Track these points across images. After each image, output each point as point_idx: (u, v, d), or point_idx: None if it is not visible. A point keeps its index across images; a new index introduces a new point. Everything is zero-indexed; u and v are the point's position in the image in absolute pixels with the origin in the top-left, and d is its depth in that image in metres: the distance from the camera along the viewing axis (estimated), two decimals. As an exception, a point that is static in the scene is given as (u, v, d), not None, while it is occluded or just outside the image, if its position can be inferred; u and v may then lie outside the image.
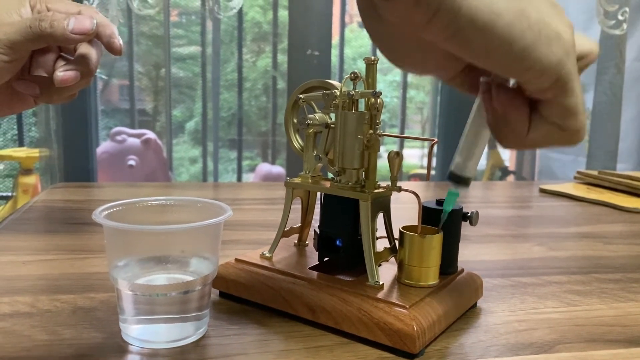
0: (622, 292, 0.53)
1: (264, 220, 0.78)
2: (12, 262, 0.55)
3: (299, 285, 0.44)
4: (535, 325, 0.45)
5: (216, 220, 0.38)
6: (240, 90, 2.10)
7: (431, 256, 0.43)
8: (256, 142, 2.67)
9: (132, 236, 0.39)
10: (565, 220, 0.86)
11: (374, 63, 0.45)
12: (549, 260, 0.63)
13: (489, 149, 2.53)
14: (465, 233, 0.73)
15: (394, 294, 0.41)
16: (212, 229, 0.40)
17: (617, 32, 1.46)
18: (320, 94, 0.46)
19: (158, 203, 0.43)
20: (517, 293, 0.52)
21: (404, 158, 0.46)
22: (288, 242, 0.53)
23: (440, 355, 0.39)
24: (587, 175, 1.16)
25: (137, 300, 0.38)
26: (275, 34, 2.11)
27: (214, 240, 0.41)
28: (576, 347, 0.41)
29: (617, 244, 0.71)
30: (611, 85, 1.59)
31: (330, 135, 0.46)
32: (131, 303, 0.38)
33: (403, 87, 2.17)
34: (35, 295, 0.47)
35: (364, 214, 0.43)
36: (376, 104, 0.44)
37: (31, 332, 0.40)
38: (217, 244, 0.41)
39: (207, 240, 0.40)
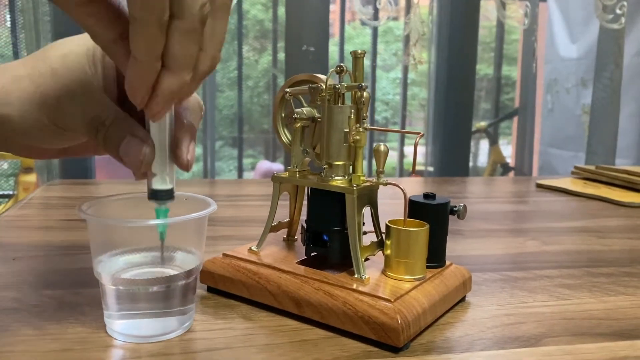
0: (613, 286, 0.53)
1: (260, 216, 0.78)
2: (1, 258, 0.55)
3: (285, 280, 0.44)
4: (523, 319, 0.45)
5: (199, 214, 0.38)
6: (240, 88, 2.10)
7: (417, 250, 0.43)
8: (258, 140, 2.67)
9: (114, 230, 0.39)
10: (560, 215, 0.86)
11: (361, 56, 0.45)
12: (541, 254, 0.63)
13: (490, 145, 2.53)
14: (458, 228, 0.74)
15: (379, 288, 0.41)
16: (196, 223, 0.40)
17: (616, 26, 1.46)
18: (306, 88, 0.46)
19: (143, 197, 0.43)
20: (507, 287, 0.52)
21: (404, 156, 0.45)
22: (277, 237, 0.52)
23: (425, 349, 0.39)
24: (585, 170, 1.15)
25: (120, 295, 0.38)
26: (274, 31, 2.11)
27: (198, 234, 0.41)
28: (563, 341, 0.41)
29: (611, 238, 0.71)
30: (610, 80, 1.58)
31: (317, 129, 0.46)
32: (114, 298, 0.38)
33: (404, 85, 2.17)
34: (22, 291, 0.47)
35: (350, 208, 0.43)
36: (362, 97, 0.44)
37: (16, 326, 0.40)
38: (201, 238, 0.41)
39: (191, 234, 0.40)
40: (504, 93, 2.62)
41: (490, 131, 2.49)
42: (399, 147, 2.35)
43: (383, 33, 2.88)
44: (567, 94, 2.24)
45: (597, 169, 1.12)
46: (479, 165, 2.69)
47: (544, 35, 2.41)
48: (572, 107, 2.20)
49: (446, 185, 1.12)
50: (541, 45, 2.29)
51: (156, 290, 0.38)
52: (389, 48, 3.08)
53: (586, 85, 1.99)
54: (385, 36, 2.98)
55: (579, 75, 2.12)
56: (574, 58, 2.21)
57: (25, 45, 1.61)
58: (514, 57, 2.72)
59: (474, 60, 1.94)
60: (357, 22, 3.12)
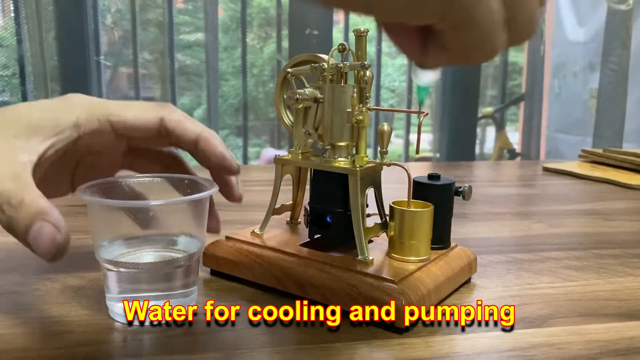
0: (621, 267, 0.52)
1: (264, 201, 0.77)
2: (4, 242, 0.55)
3: (288, 262, 0.43)
4: (529, 300, 0.44)
5: (199, 195, 0.38)
6: (244, 76, 2.09)
7: (421, 231, 0.42)
8: (264, 128, 2.66)
9: (116, 213, 0.38)
10: (567, 198, 0.85)
11: (364, 34, 0.44)
12: (547, 237, 0.63)
13: (496, 131, 2.51)
14: (464, 211, 0.73)
15: (383, 269, 0.41)
16: (197, 205, 0.39)
17: (623, 8, 1.44)
18: (308, 68, 0.45)
19: (145, 180, 0.42)
20: (513, 269, 0.51)
21: (409, 143, 0.45)
22: (280, 220, 0.52)
23: (430, 330, 0.39)
24: (592, 153, 1.14)
25: (122, 278, 0.38)
26: (278, 15, 2.10)
27: (199, 217, 0.40)
28: (569, 322, 0.41)
29: (619, 221, 0.70)
30: (618, 63, 1.56)
31: (320, 110, 0.46)
32: (115, 281, 0.38)
33: (409, 71, 2.15)
34: (24, 275, 0.47)
35: (353, 189, 0.42)
36: (365, 76, 0.43)
37: (18, 310, 0.40)
38: (203, 220, 0.40)
39: (192, 217, 0.40)
40: (510, 79, 2.59)
41: (496, 117, 2.47)
42: (404, 135, 2.34)
43: (388, 19, 2.85)
44: (574, 78, 2.22)
45: (604, 152, 1.11)
46: (485, 151, 2.68)
47: (552, 19, 2.38)
48: (580, 91, 2.18)
49: (452, 170, 1.12)
50: (549, 29, 2.27)
51: (158, 272, 0.38)
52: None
53: (594, 69, 1.97)
54: (391, 22, 2.95)
55: (587, 59, 2.10)
56: (581, 42, 2.19)
57: (28, 35, 1.61)
58: (521, 42, 2.69)
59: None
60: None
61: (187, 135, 0.41)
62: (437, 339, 0.38)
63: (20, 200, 0.33)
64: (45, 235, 0.32)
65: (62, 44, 1.66)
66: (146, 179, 0.42)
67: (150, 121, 0.41)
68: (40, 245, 0.32)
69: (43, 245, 0.32)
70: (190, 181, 0.42)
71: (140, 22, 1.91)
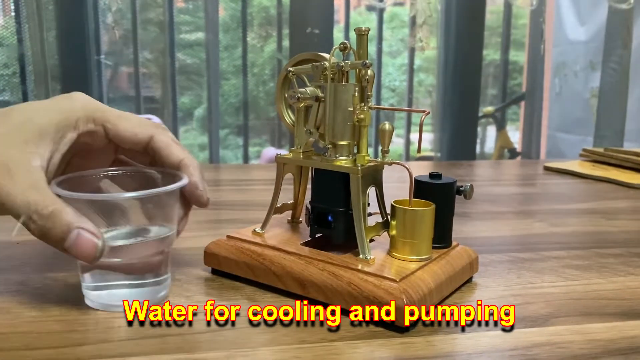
0: (623, 267, 0.52)
1: (264, 200, 0.77)
2: (5, 241, 0.55)
3: (289, 261, 0.43)
4: (531, 299, 0.44)
5: (167, 188, 0.39)
6: (245, 75, 2.09)
7: (423, 230, 0.42)
8: (264, 128, 2.66)
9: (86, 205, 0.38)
10: (568, 197, 0.85)
11: (365, 33, 0.44)
12: (549, 236, 0.63)
13: (497, 130, 2.51)
14: (465, 210, 0.73)
15: (385, 268, 0.41)
16: (168, 197, 0.40)
17: (624, 6, 1.44)
18: (309, 67, 0.45)
19: (117, 173, 0.43)
20: (514, 268, 0.51)
21: (410, 142, 0.45)
22: (281, 220, 0.52)
23: (431, 330, 0.39)
24: (593, 152, 1.14)
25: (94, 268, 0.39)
26: (279, 14, 2.10)
27: (170, 208, 0.41)
28: (571, 321, 0.40)
29: (620, 220, 0.70)
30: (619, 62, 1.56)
31: (321, 109, 0.46)
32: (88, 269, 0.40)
33: (410, 71, 2.15)
34: (26, 274, 0.47)
35: (355, 188, 0.42)
36: (366, 75, 0.43)
37: (19, 308, 0.40)
38: (174, 211, 0.41)
39: (163, 209, 0.40)
40: (511, 79, 2.59)
41: (497, 116, 2.47)
42: (405, 134, 2.34)
43: (389, 19, 2.86)
44: (575, 77, 2.22)
45: (605, 151, 1.11)
46: (486, 151, 2.68)
47: (552, 18, 2.38)
48: (581, 90, 2.18)
49: (453, 169, 1.12)
50: (549, 28, 2.27)
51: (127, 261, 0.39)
52: (395, 34, 3.06)
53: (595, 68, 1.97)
54: (392, 22, 2.95)
55: (588, 58, 2.10)
56: (582, 41, 2.19)
57: (29, 34, 1.61)
58: (522, 42, 2.69)
59: (481, 45, 1.92)
60: (362, 7, 3.10)
61: (171, 159, 0.43)
62: (439, 338, 0.38)
63: (50, 211, 0.36)
64: (85, 242, 0.36)
65: (63, 43, 1.66)
66: (119, 172, 0.44)
67: (140, 136, 0.42)
68: (83, 251, 0.36)
69: (86, 251, 0.36)
70: (163, 173, 0.43)
71: (140, 21, 1.91)
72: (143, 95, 2.00)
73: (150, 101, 2.30)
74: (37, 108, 0.40)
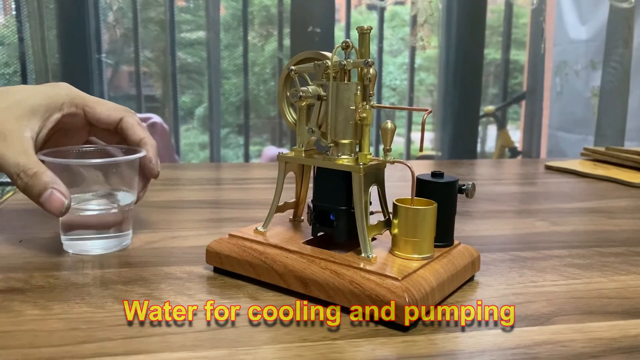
0: (624, 265, 0.52)
1: (266, 199, 0.77)
2: (8, 240, 0.55)
3: (291, 259, 0.43)
4: (532, 298, 0.44)
5: (127, 157, 0.51)
6: (245, 74, 2.09)
7: (425, 228, 0.42)
8: (265, 127, 2.66)
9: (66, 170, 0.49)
10: (569, 196, 0.85)
11: (367, 32, 0.44)
12: (550, 234, 0.63)
13: (498, 129, 2.51)
14: (466, 209, 0.73)
15: (387, 267, 0.41)
16: (127, 166, 0.51)
17: (625, 5, 1.44)
18: (311, 65, 0.45)
19: (92, 149, 0.55)
20: (516, 267, 0.51)
21: (411, 142, 0.45)
22: (283, 218, 0.52)
23: (433, 328, 0.39)
24: (594, 151, 1.14)
25: (69, 220, 0.51)
26: (280, 13, 2.10)
27: (130, 176, 0.52)
28: (573, 319, 0.40)
29: (622, 219, 0.70)
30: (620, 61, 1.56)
31: (323, 107, 0.46)
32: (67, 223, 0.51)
33: (410, 70, 2.15)
34: (29, 272, 0.47)
35: (357, 187, 0.42)
36: (368, 74, 0.43)
37: (22, 307, 0.40)
38: (134, 180, 0.52)
39: (126, 177, 0.52)
40: (512, 78, 2.59)
41: (498, 115, 2.47)
42: (406, 133, 2.34)
43: (390, 18, 2.86)
44: (576, 76, 2.22)
45: (607, 150, 1.11)
46: (486, 150, 2.68)
47: (553, 17, 2.38)
48: (582, 89, 2.18)
49: (454, 168, 1.12)
50: (550, 27, 2.27)
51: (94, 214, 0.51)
52: (395, 33, 3.06)
53: (595, 67, 1.97)
54: (392, 21, 2.95)
55: (589, 57, 2.10)
56: (583, 40, 2.19)
57: (30, 33, 1.61)
58: (523, 41, 2.69)
59: (482, 44, 1.92)
60: (363, 6, 3.10)
61: (134, 137, 0.54)
62: (441, 336, 0.38)
63: (34, 172, 0.46)
64: (55, 199, 0.46)
65: (64, 42, 1.66)
66: (93, 148, 0.55)
67: (112, 118, 0.53)
68: (52, 206, 0.46)
69: (55, 206, 0.46)
70: (126, 150, 0.54)
71: (141, 20, 1.91)
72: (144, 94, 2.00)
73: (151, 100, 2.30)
74: (29, 91, 0.50)
